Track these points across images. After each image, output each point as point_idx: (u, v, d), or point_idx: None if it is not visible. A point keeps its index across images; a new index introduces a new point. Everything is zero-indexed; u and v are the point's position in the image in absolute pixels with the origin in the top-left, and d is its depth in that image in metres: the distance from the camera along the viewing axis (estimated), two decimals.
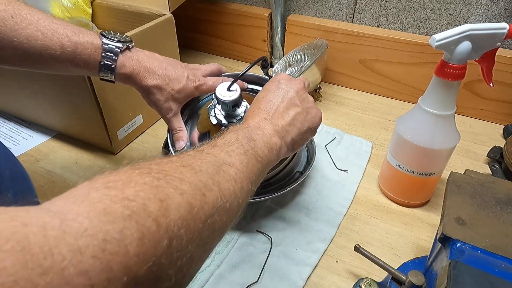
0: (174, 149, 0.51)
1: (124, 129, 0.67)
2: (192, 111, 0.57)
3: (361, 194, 0.59)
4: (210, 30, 0.98)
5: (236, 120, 0.49)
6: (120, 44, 0.44)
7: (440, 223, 0.39)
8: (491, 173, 0.63)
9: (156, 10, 0.70)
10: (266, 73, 0.57)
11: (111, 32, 0.45)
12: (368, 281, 0.42)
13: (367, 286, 0.41)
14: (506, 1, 0.67)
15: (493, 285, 0.30)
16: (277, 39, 0.90)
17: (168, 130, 0.53)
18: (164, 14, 0.69)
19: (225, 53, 1.01)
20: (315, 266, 0.48)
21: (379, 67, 0.82)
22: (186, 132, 0.52)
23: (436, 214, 0.56)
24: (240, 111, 0.49)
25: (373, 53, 0.80)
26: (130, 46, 0.46)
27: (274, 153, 0.37)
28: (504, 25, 0.43)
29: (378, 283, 0.42)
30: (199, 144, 0.33)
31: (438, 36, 0.42)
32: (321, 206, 0.56)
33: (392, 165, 0.55)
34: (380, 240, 0.52)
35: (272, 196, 0.51)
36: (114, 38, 0.44)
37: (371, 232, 0.53)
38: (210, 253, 0.27)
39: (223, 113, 0.49)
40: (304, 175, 0.55)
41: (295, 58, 0.81)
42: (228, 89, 0.47)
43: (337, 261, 0.49)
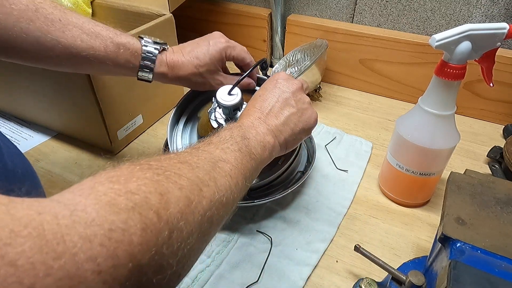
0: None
1: (124, 129, 0.67)
2: (191, 113, 0.57)
3: (361, 194, 0.59)
4: (210, 30, 0.97)
5: None
6: (157, 46, 0.47)
7: (440, 223, 0.39)
8: (491, 173, 0.63)
9: (156, 10, 0.70)
10: (265, 74, 0.57)
11: (146, 36, 0.48)
12: (368, 281, 0.42)
13: (367, 286, 0.41)
14: (506, 1, 0.67)
15: (493, 285, 0.30)
16: (277, 39, 0.90)
17: (168, 130, 0.53)
18: (164, 14, 0.69)
19: None
20: (315, 266, 0.48)
21: (379, 67, 0.82)
22: (247, 79, 0.52)
23: (436, 214, 0.56)
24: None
25: (373, 53, 0.80)
26: (166, 48, 0.49)
27: (267, 152, 0.38)
28: (504, 25, 0.43)
29: (378, 283, 0.42)
30: (194, 143, 0.34)
31: (438, 36, 0.42)
32: (321, 206, 0.56)
33: (392, 165, 0.55)
34: (380, 240, 0.52)
35: (273, 198, 0.51)
36: (150, 40, 0.48)
37: (371, 232, 0.53)
38: (208, 245, 0.29)
39: (223, 116, 0.49)
40: (305, 176, 0.55)
41: (295, 58, 0.81)
42: (229, 93, 0.47)
43: (337, 261, 0.49)
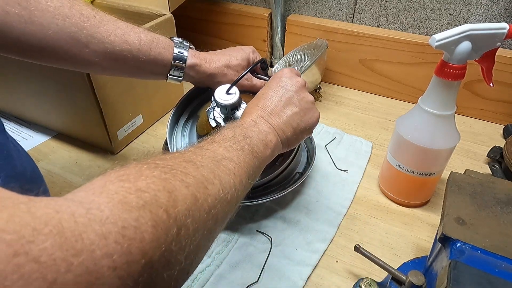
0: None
1: (124, 129, 0.67)
2: (191, 113, 0.57)
3: (361, 194, 0.59)
4: (210, 30, 0.98)
5: None
6: (186, 43, 0.49)
7: (440, 223, 0.39)
8: (491, 173, 0.63)
9: (156, 10, 0.70)
10: (265, 74, 0.57)
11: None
12: (368, 281, 0.42)
13: (367, 286, 0.41)
14: (506, 1, 0.67)
15: (493, 285, 0.30)
16: (277, 39, 0.90)
17: (167, 130, 0.53)
18: (164, 14, 0.69)
19: None
20: (315, 266, 0.48)
21: (379, 67, 0.82)
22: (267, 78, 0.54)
23: (436, 214, 0.56)
24: (239, 113, 0.48)
25: (373, 53, 0.80)
26: (192, 47, 0.50)
27: (269, 150, 0.39)
28: (504, 25, 0.43)
29: (378, 283, 0.42)
30: (197, 141, 0.34)
31: (438, 36, 0.42)
32: (321, 206, 0.56)
33: (392, 165, 0.55)
34: (380, 240, 0.52)
35: (272, 198, 0.51)
36: (177, 39, 0.49)
37: (371, 232, 0.53)
38: (213, 241, 0.29)
39: (222, 116, 0.49)
40: (305, 176, 0.55)
41: (295, 58, 0.81)
42: (227, 92, 0.47)
43: (337, 261, 0.49)
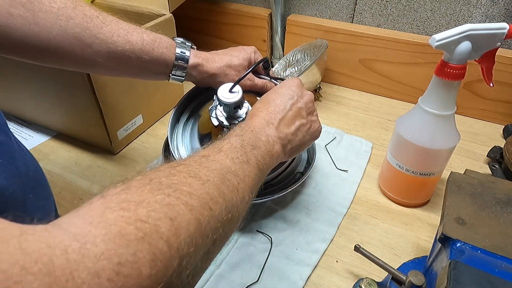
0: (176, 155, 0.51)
1: (124, 129, 0.67)
2: (192, 112, 0.57)
3: (361, 194, 0.59)
4: (210, 30, 0.98)
5: (238, 122, 0.49)
6: (188, 42, 0.49)
7: (440, 223, 0.39)
8: (491, 173, 0.63)
9: (156, 10, 0.70)
10: (267, 74, 0.56)
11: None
12: (368, 281, 0.42)
13: (367, 286, 0.41)
14: (506, 1, 0.67)
15: (493, 285, 0.30)
16: (277, 39, 0.90)
17: (168, 130, 0.53)
18: (164, 14, 0.69)
19: None
20: (315, 266, 0.48)
21: (379, 67, 0.82)
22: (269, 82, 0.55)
23: (436, 214, 0.56)
24: (242, 112, 0.48)
25: (373, 53, 0.80)
26: (194, 47, 0.50)
27: (274, 160, 0.39)
28: (504, 25, 0.43)
29: (378, 283, 0.42)
30: (202, 147, 0.33)
31: (438, 36, 0.42)
32: (321, 206, 0.56)
33: (392, 165, 0.55)
34: (380, 240, 0.52)
35: (272, 197, 0.51)
36: (179, 39, 0.49)
37: (371, 232, 0.53)
38: (211, 263, 0.29)
39: (224, 114, 0.49)
40: (305, 176, 0.55)
41: (295, 58, 0.81)
42: (230, 91, 0.47)
43: (337, 261, 0.49)
